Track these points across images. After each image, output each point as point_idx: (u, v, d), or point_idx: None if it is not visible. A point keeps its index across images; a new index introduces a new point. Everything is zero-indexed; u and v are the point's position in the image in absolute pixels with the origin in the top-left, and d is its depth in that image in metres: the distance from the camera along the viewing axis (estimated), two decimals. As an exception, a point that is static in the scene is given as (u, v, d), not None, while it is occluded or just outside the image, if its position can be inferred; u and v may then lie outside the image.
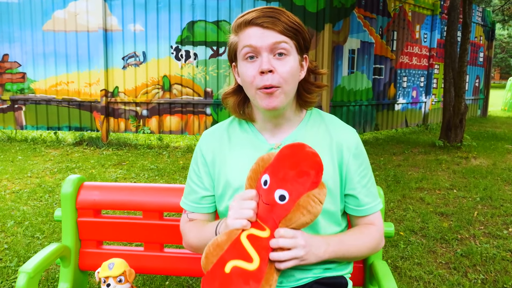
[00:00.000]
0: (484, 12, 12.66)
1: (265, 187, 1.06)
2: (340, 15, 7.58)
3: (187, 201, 1.39)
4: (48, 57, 7.30)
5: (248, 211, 1.05)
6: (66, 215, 1.68)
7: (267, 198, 1.05)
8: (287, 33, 1.16)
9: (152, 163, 5.94)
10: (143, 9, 7.09)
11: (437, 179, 5.38)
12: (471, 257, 3.15)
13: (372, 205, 1.29)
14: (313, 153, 1.05)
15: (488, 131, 10.07)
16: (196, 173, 1.37)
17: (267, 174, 1.07)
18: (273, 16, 1.15)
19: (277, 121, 1.28)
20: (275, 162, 1.07)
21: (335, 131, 1.30)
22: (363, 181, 1.28)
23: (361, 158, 1.30)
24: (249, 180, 1.12)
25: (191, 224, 1.36)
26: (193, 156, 1.41)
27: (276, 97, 1.17)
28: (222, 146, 1.34)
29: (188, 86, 7.25)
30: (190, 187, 1.39)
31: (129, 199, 1.69)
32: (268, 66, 1.13)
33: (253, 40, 1.15)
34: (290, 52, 1.17)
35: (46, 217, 3.74)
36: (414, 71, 9.93)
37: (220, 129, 1.39)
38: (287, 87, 1.18)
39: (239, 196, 1.09)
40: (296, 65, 1.20)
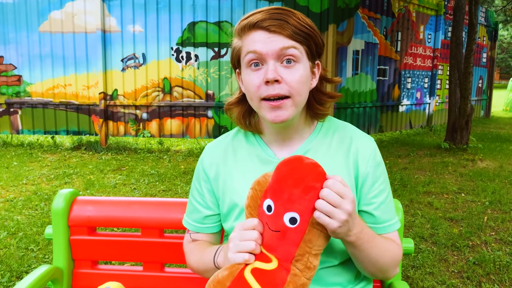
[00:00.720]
0: (487, 12, 12.56)
1: (270, 213, 0.94)
2: (344, 15, 7.45)
3: (189, 220, 1.28)
4: (44, 59, 7.16)
5: (250, 243, 0.93)
6: (57, 233, 1.55)
7: (276, 224, 0.93)
8: (297, 38, 1.02)
9: (153, 168, 5.81)
10: (143, 10, 6.96)
11: (445, 182, 5.26)
12: (484, 266, 3.04)
13: (390, 223, 1.15)
14: (313, 163, 0.94)
15: (492, 132, 9.97)
16: (198, 191, 1.26)
17: (269, 199, 0.95)
18: (280, 18, 1.01)
19: (286, 134, 1.16)
20: (275, 184, 0.95)
21: (351, 140, 1.17)
22: (382, 196, 1.14)
23: (379, 170, 1.16)
24: (249, 209, 0.99)
25: (193, 245, 1.25)
26: (195, 171, 1.29)
27: (285, 109, 1.04)
28: (227, 160, 1.22)
29: (189, 89, 7.12)
30: (192, 205, 1.28)
31: (126, 215, 1.56)
32: (274, 75, 1.01)
33: (258, 45, 1.02)
34: (300, 58, 1.04)
35: (41, 227, 3.61)
36: (418, 72, 9.81)
37: (225, 142, 1.26)
38: (298, 98, 1.05)
39: (239, 226, 0.97)
40: (307, 73, 1.07)
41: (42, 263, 2.99)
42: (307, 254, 0.93)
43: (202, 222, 1.25)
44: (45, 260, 3.04)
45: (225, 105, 1.24)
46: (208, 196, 1.23)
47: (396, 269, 1.14)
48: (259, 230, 0.95)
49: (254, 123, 1.21)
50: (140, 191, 4.77)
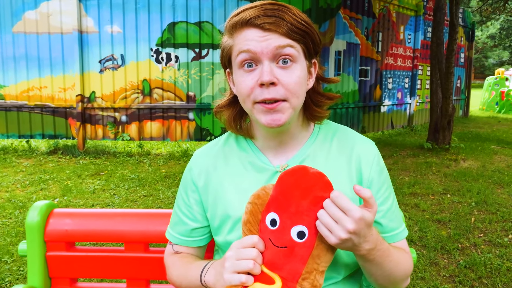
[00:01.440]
0: (464, 13, 12.75)
1: (275, 227, 0.86)
2: (326, 15, 7.43)
3: (173, 232, 1.18)
4: (18, 61, 6.90)
5: (248, 262, 0.85)
6: (32, 249, 1.42)
7: (282, 239, 0.85)
8: (293, 36, 0.94)
9: (133, 172, 5.64)
10: (121, 10, 6.78)
11: (429, 183, 5.26)
12: (475, 269, 3.02)
13: (398, 231, 1.08)
14: (319, 173, 0.87)
15: (472, 131, 10.11)
16: (185, 202, 1.15)
17: (273, 212, 0.87)
18: (275, 15, 0.93)
19: (280, 139, 1.07)
20: (280, 196, 0.87)
21: (352, 145, 1.09)
22: (387, 203, 1.07)
23: (383, 175, 1.08)
24: (248, 225, 0.91)
25: (176, 258, 1.16)
26: (182, 180, 1.19)
27: (282, 112, 0.96)
28: (218, 169, 1.12)
29: (170, 90, 6.97)
30: (177, 216, 1.17)
31: (108, 228, 1.45)
32: (269, 77, 0.92)
33: (252, 44, 0.94)
34: (297, 58, 0.95)
35: (16, 237, 3.43)
36: (399, 72, 9.88)
37: (215, 148, 1.16)
38: (295, 101, 0.97)
39: (237, 244, 0.89)
40: (304, 73, 0.98)
41: (16, 276, 2.82)
42: (315, 272, 0.85)
43: (187, 235, 1.15)
44: (19, 273, 2.87)
45: (214, 107, 1.15)
46: (196, 207, 1.14)
47: (407, 281, 1.07)
48: (259, 248, 0.87)
49: (246, 127, 1.12)
50: (120, 196, 4.61)
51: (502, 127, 11.40)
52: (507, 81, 16.63)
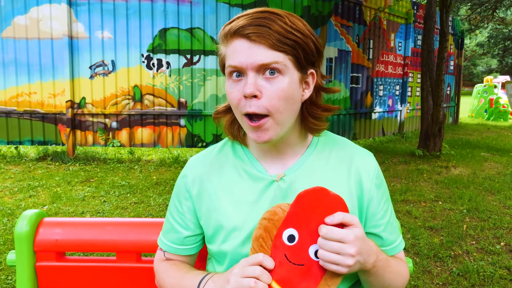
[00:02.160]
0: (454, 21, 12.90)
1: (292, 243, 0.85)
2: (318, 22, 7.45)
3: (165, 240, 1.16)
4: (8, 66, 6.82)
5: (249, 281, 0.84)
6: (21, 259, 1.39)
7: (299, 257, 0.85)
8: (281, 48, 0.90)
9: (123, 179, 5.58)
10: (112, 16, 6.74)
11: (421, 190, 5.28)
12: (468, 277, 3.01)
13: (397, 243, 1.09)
14: (338, 196, 0.89)
15: (462, 138, 10.18)
16: (177, 209, 1.13)
17: (292, 228, 0.86)
18: (263, 24, 0.89)
19: (277, 149, 1.05)
20: (300, 213, 0.87)
21: (351, 158, 1.07)
22: (387, 217, 1.07)
23: (382, 188, 1.08)
24: (260, 240, 0.89)
25: (168, 265, 1.14)
26: (175, 187, 1.16)
27: (267, 129, 0.94)
28: (212, 177, 1.09)
29: (161, 97, 6.93)
30: (170, 224, 1.16)
31: (99, 237, 1.42)
32: (251, 90, 0.90)
33: (237, 57, 0.92)
34: (283, 71, 0.92)
35: (4, 245, 3.36)
36: (390, 79, 9.93)
37: (210, 156, 1.14)
38: (279, 116, 0.94)
39: (244, 262, 0.89)
40: (292, 86, 0.94)
41: (4, 285, 2.76)
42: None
43: (179, 243, 1.14)
44: (7, 282, 2.81)
45: (213, 113, 1.13)
46: (188, 215, 1.12)
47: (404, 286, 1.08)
48: (266, 265, 0.86)
49: (242, 134, 1.09)
50: (111, 203, 4.55)
51: (491, 134, 11.51)
52: (496, 88, 16.83)
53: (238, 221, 1.01)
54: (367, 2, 8.72)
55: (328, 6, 7.63)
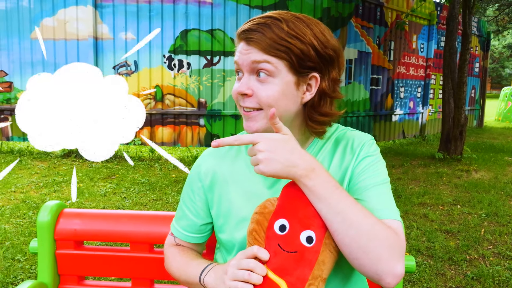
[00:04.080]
0: (480, 22, 12.65)
1: (283, 232, 0.90)
2: (338, 24, 7.45)
3: (177, 226, 1.23)
4: (36, 66, 7.05)
5: (243, 273, 0.89)
6: (42, 247, 1.48)
7: (292, 244, 0.89)
8: (272, 52, 0.97)
9: (143, 177, 5.71)
10: (135, 17, 6.90)
11: (439, 193, 5.22)
12: (483, 281, 2.98)
13: (385, 211, 0.96)
14: None
15: (485, 142, 9.98)
16: (190, 198, 1.20)
17: (282, 219, 0.91)
18: (259, 30, 0.98)
19: None
20: (287, 203, 0.93)
21: (347, 139, 1.11)
22: (370, 182, 1.01)
23: (372, 161, 1.05)
24: (253, 233, 0.94)
25: (176, 250, 1.21)
26: (189, 176, 1.23)
27: (256, 121, 1.03)
28: (224, 169, 1.16)
29: (181, 97, 7.05)
30: (182, 211, 1.23)
31: (115, 228, 1.49)
32: (243, 89, 1.02)
33: (238, 56, 1.04)
34: (274, 73, 0.99)
35: (29, 236, 3.50)
36: (411, 81, 9.82)
37: (224, 149, 1.21)
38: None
39: (240, 254, 0.95)
40: (285, 88, 0.99)
41: (28, 274, 2.89)
42: (319, 278, 0.89)
43: (190, 230, 1.20)
44: (31, 271, 2.94)
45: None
46: (200, 204, 1.18)
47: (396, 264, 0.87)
48: (261, 257, 0.90)
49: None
50: (131, 200, 4.67)
51: (517, 138, 11.25)
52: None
53: (248, 211, 1.06)
54: (388, 3, 8.65)
55: (348, 7, 7.62)
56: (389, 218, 0.95)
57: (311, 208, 0.90)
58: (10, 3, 7.01)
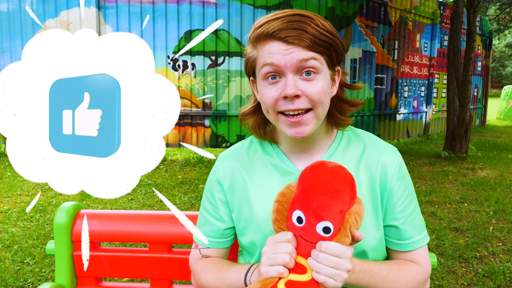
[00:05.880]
0: (482, 21, 12.65)
1: (301, 224, 0.90)
2: (342, 24, 7.44)
3: (201, 234, 1.17)
4: (40, 68, 7.05)
5: (284, 256, 0.88)
6: (60, 248, 1.46)
7: (310, 236, 0.89)
8: (317, 48, 0.95)
9: (149, 178, 5.70)
10: (139, 18, 6.89)
11: (446, 191, 5.21)
12: (494, 278, 2.97)
13: (417, 238, 1.09)
14: (337, 166, 0.90)
15: (489, 140, 9.97)
16: (211, 202, 1.17)
17: (298, 210, 0.90)
18: (298, 27, 0.93)
19: (305, 145, 1.09)
20: (301, 194, 0.91)
21: (375, 152, 1.10)
22: (408, 210, 1.08)
23: (405, 182, 1.10)
24: (277, 223, 0.95)
25: (206, 263, 1.16)
26: (208, 182, 1.21)
27: (306, 124, 0.99)
28: (243, 171, 1.14)
29: (186, 97, 7.04)
30: (204, 218, 1.19)
31: (132, 229, 1.48)
32: (294, 91, 0.95)
33: (275, 57, 0.95)
34: (320, 70, 0.97)
35: (37, 239, 3.49)
36: (415, 80, 9.82)
37: (240, 151, 1.19)
38: (320, 110, 0.99)
39: (272, 239, 0.92)
40: (328, 83, 1.00)
41: (38, 277, 2.87)
42: None
43: (215, 236, 1.17)
44: (41, 274, 2.93)
45: (239, 115, 1.17)
46: (222, 208, 1.16)
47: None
48: (293, 244, 0.90)
49: (269, 132, 1.14)
50: (138, 201, 4.66)
51: (520, 136, 11.23)
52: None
53: (268, 213, 1.05)
54: (392, 2, 8.65)
55: (352, 7, 7.62)
56: (420, 247, 1.09)
57: (325, 197, 0.88)
58: (12, 5, 7.01)
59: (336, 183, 0.88)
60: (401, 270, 1.05)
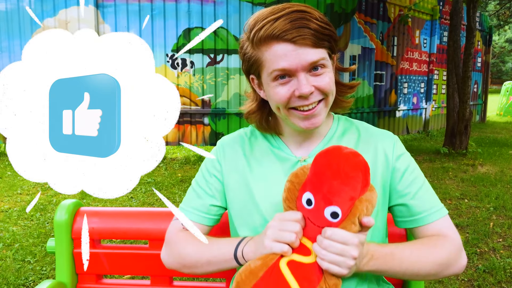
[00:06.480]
0: (482, 17, 12.64)
1: (310, 207, 0.90)
2: (341, 20, 7.44)
3: (187, 207, 1.16)
4: (39, 67, 7.04)
5: (290, 235, 0.89)
6: (60, 246, 1.46)
7: (318, 219, 0.89)
8: (321, 44, 0.98)
9: (149, 176, 5.71)
10: (137, 17, 6.89)
11: (446, 188, 5.21)
12: (494, 273, 2.98)
13: (431, 211, 1.07)
14: (352, 153, 0.90)
15: (489, 137, 9.97)
16: (205, 178, 1.17)
17: (308, 192, 0.90)
18: (302, 26, 0.94)
19: (306, 134, 1.12)
20: (313, 176, 0.90)
21: (371, 137, 1.13)
22: (414, 185, 1.08)
23: (406, 159, 1.12)
24: (286, 202, 0.95)
25: (188, 234, 1.11)
26: (205, 160, 1.21)
27: (319, 114, 1.03)
28: (243, 156, 1.16)
29: (185, 95, 7.04)
30: (195, 191, 1.18)
31: (132, 226, 1.48)
32: (309, 89, 0.98)
33: (285, 61, 0.96)
34: (326, 64, 1.00)
35: (38, 238, 3.50)
36: (415, 77, 9.81)
37: (242, 138, 1.21)
38: (330, 98, 1.05)
39: (280, 217, 0.92)
40: (332, 72, 1.04)
41: (39, 275, 2.88)
42: None
43: (203, 210, 1.15)
44: (42, 272, 2.93)
45: (244, 113, 1.18)
46: (216, 184, 1.16)
47: (454, 265, 1.04)
48: (301, 224, 0.91)
49: (273, 124, 1.16)
50: (137, 200, 4.66)
51: (520, 132, 11.23)
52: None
53: (265, 196, 1.08)
54: (391, -2, 8.64)
55: (351, 3, 7.61)
56: (438, 218, 1.07)
57: (336, 182, 0.87)
58: (10, 4, 7.00)
59: (348, 169, 0.88)
60: (426, 245, 1.03)
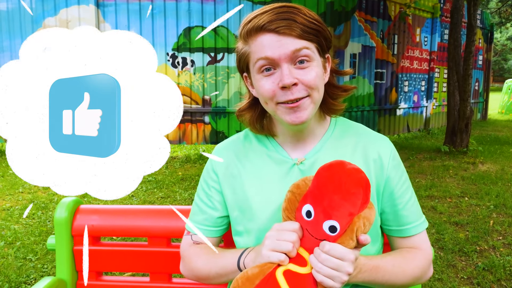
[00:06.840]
0: (483, 14, 12.61)
1: (309, 219, 0.91)
2: (341, 18, 7.43)
3: (193, 222, 1.20)
4: (40, 66, 7.06)
5: (287, 245, 0.90)
6: (60, 243, 1.47)
7: (316, 232, 0.90)
8: (307, 37, 0.97)
9: (150, 175, 5.72)
10: (138, 16, 6.90)
11: (447, 186, 5.22)
12: (494, 271, 2.98)
13: (416, 223, 1.12)
14: (355, 169, 0.91)
15: (490, 135, 9.96)
16: (205, 191, 1.19)
17: (309, 204, 0.92)
18: (288, 17, 0.95)
19: (300, 134, 1.11)
20: (315, 189, 0.92)
21: (368, 141, 1.13)
22: (405, 196, 1.11)
23: (400, 169, 1.13)
24: (286, 212, 0.96)
25: (198, 248, 1.17)
26: (203, 172, 1.23)
27: (305, 109, 1.00)
28: (238, 161, 1.16)
29: (186, 94, 7.05)
30: (197, 206, 1.21)
31: (132, 224, 1.49)
32: (290, 80, 0.97)
33: (269, 50, 0.97)
34: (312, 57, 0.99)
35: (39, 236, 3.52)
36: (415, 75, 9.80)
37: (235, 143, 1.21)
38: (316, 95, 1.01)
39: (278, 226, 0.94)
40: (321, 69, 1.02)
41: (41, 273, 2.90)
42: None
43: (207, 224, 1.18)
44: (43, 270, 2.95)
45: (236, 111, 1.19)
46: (216, 197, 1.18)
47: (423, 278, 1.12)
48: (299, 234, 0.92)
49: (266, 125, 1.16)
50: (139, 198, 4.68)
51: (521, 130, 11.22)
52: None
53: (262, 201, 1.08)
54: (392, -4, 8.64)
55: (351, 1, 7.60)
56: (421, 231, 1.12)
57: (337, 197, 0.89)
58: (11, 4, 7.02)
59: (350, 185, 0.89)
60: (405, 258, 1.08)
